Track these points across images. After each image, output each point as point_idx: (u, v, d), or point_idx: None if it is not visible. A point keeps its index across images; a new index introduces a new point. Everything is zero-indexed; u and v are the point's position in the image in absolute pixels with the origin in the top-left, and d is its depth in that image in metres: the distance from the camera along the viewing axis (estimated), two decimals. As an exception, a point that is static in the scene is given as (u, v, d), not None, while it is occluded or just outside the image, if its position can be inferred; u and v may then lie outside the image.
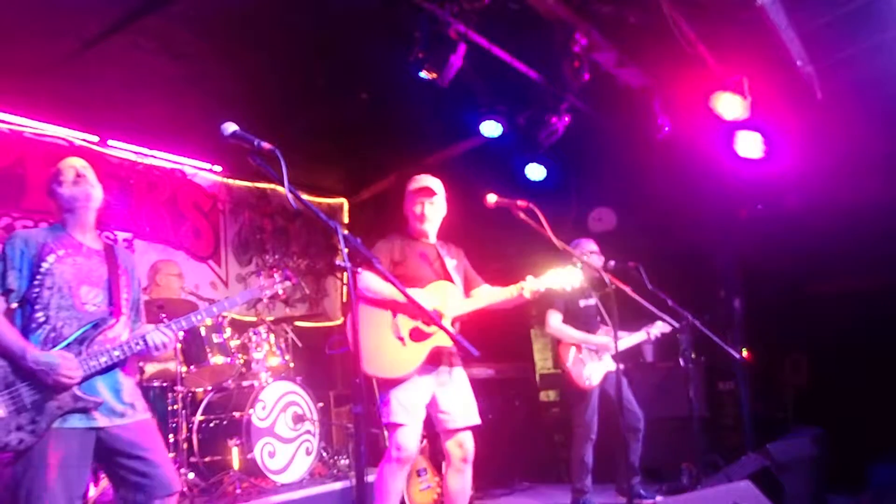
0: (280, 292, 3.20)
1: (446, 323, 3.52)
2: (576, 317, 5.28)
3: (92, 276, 2.87)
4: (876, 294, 5.67)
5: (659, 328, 5.23)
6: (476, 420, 3.66)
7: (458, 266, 3.86)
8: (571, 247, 5.23)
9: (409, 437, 3.46)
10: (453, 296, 3.66)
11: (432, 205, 3.79)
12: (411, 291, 3.19)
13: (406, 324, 3.57)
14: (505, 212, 3.65)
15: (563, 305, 5.26)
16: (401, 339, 3.54)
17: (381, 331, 3.54)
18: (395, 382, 3.49)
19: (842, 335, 5.66)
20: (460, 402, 3.63)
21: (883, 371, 5.52)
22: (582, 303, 5.35)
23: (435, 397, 3.60)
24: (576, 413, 5.19)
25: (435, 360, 3.58)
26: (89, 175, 2.95)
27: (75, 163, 2.97)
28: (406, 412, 3.48)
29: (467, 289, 3.84)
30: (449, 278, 3.74)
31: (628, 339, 5.24)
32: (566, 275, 3.62)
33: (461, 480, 3.63)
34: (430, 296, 3.59)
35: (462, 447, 3.61)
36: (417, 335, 3.55)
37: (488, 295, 3.71)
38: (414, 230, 3.82)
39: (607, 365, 5.21)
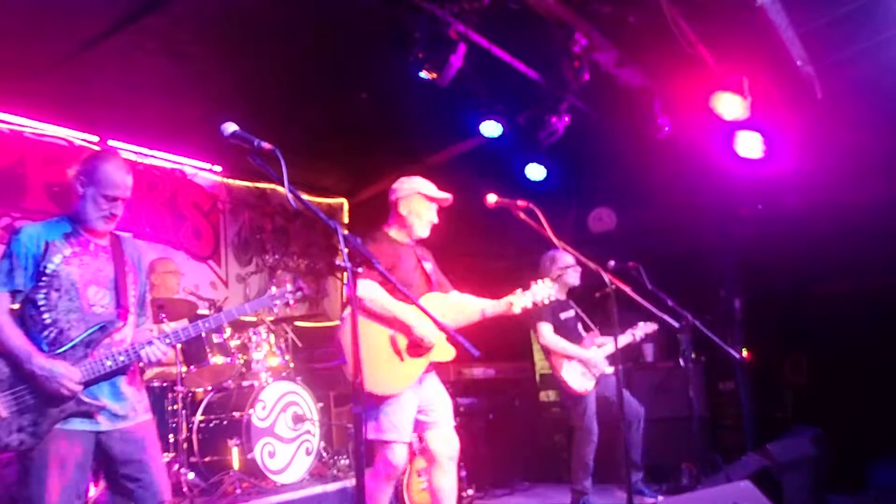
0: (291, 303, 3.10)
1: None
2: (558, 330, 5.25)
3: (99, 275, 2.82)
4: (876, 294, 5.66)
5: (642, 329, 5.20)
6: (453, 420, 3.64)
7: (434, 270, 3.75)
8: (547, 259, 5.26)
9: (400, 455, 3.40)
10: (450, 308, 3.54)
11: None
12: (413, 306, 3.06)
13: (403, 338, 3.43)
14: (505, 212, 3.63)
15: (550, 317, 5.24)
16: (398, 353, 3.41)
17: (378, 344, 3.40)
18: (386, 398, 3.37)
19: (842, 335, 5.65)
20: (441, 403, 3.60)
21: (883, 371, 5.51)
22: (562, 315, 5.32)
23: (419, 404, 3.53)
24: (575, 416, 5.17)
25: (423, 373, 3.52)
26: (120, 211, 2.84)
27: (119, 192, 2.79)
28: (396, 430, 3.39)
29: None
30: (432, 285, 3.63)
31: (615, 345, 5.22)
32: (545, 288, 3.57)
33: (450, 479, 3.57)
34: (430, 309, 3.46)
35: (450, 445, 3.58)
36: (415, 350, 3.42)
37: (478, 309, 3.55)
38: (410, 233, 3.67)
39: (601, 371, 5.20)
